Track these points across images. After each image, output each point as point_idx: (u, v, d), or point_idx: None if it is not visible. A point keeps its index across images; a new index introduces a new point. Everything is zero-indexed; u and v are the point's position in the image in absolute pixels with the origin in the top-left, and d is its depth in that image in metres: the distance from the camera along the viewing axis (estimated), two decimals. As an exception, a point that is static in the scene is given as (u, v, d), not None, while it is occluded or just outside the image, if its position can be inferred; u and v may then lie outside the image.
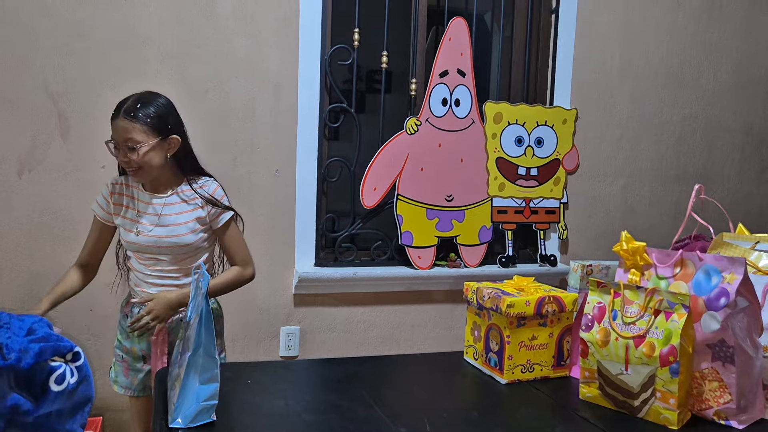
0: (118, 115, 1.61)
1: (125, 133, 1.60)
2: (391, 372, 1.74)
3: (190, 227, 1.72)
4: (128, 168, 1.65)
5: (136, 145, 1.61)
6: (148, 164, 1.64)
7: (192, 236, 1.72)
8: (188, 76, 2.33)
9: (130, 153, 1.61)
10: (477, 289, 1.74)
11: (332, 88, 2.54)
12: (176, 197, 1.73)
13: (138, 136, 1.61)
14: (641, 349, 1.40)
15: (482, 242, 2.73)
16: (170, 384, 1.36)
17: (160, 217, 1.71)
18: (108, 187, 1.74)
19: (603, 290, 1.53)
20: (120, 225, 1.73)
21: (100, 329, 2.31)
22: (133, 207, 1.72)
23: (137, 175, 1.67)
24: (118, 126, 1.61)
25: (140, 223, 1.70)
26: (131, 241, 1.70)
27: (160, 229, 1.70)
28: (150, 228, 1.69)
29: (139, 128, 1.61)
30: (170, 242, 1.70)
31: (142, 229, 1.70)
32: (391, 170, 2.56)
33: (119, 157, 1.64)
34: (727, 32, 3.09)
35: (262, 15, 2.40)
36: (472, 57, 2.64)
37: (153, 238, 1.69)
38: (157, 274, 1.74)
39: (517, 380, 1.65)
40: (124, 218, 1.72)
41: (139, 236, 1.69)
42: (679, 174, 3.07)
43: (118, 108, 1.63)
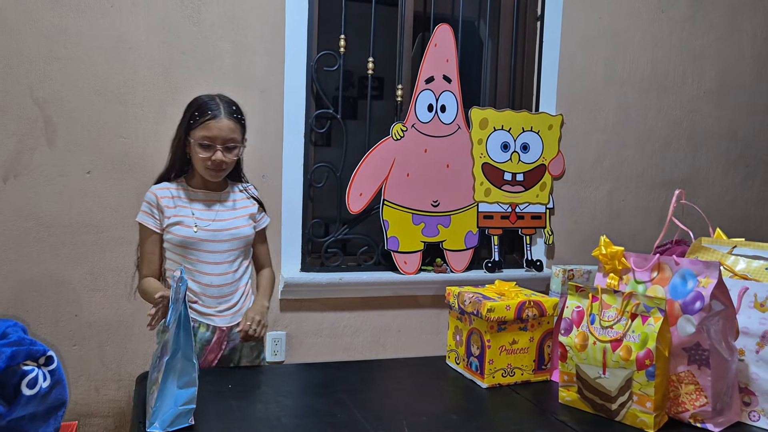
0: (220, 115, 1.65)
1: (230, 133, 1.66)
2: (374, 376, 1.75)
3: (246, 221, 1.78)
4: (217, 168, 1.67)
5: (236, 144, 1.68)
6: (233, 164, 1.72)
7: (249, 229, 1.78)
8: (174, 82, 2.34)
9: (228, 153, 1.67)
10: (458, 294, 1.76)
11: (319, 94, 2.55)
12: (230, 195, 1.79)
13: (238, 136, 1.69)
14: (618, 353, 1.41)
15: (468, 247, 2.74)
16: (149, 388, 1.36)
17: (218, 212, 1.75)
18: (152, 195, 1.73)
19: (582, 294, 1.54)
20: (174, 224, 1.70)
21: (84, 335, 2.31)
22: (184, 205, 1.72)
23: (218, 175, 1.71)
24: (222, 126, 1.65)
25: (197, 218, 1.71)
26: (188, 236, 1.69)
27: (218, 223, 1.73)
28: (208, 222, 1.71)
29: (239, 129, 1.69)
30: (230, 234, 1.73)
31: (200, 224, 1.71)
32: (377, 176, 2.57)
33: (212, 157, 1.65)
34: (711, 39, 3.12)
35: (249, 21, 2.41)
36: (457, 63, 2.66)
37: (211, 232, 1.71)
38: (210, 272, 1.72)
39: (498, 384, 1.66)
40: (177, 216, 1.70)
41: (198, 231, 1.69)
42: (664, 180, 3.10)
43: (216, 108, 1.66)
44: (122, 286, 2.33)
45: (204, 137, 1.65)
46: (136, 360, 2.36)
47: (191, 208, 1.72)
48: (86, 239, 2.29)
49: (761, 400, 1.44)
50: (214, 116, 1.65)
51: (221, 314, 1.74)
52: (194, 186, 1.76)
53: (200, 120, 1.65)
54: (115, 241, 2.32)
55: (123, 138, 2.30)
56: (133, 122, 2.31)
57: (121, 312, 2.34)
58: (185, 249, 1.70)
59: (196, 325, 1.71)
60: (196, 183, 1.76)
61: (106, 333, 2.33)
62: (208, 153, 1.66)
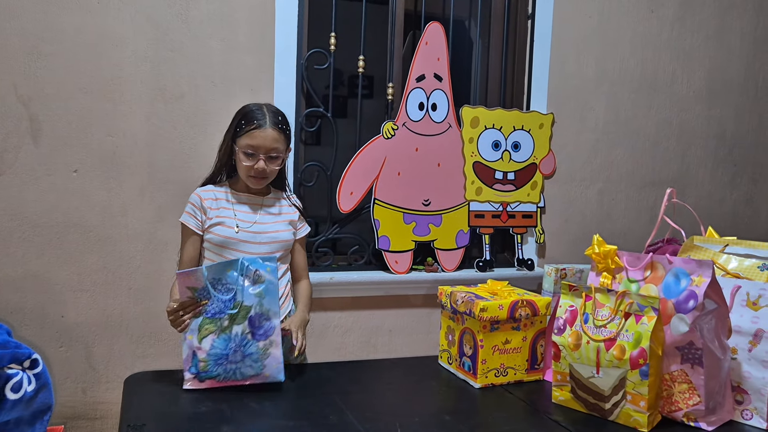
0: (265, 125, 1.68)
1: (274, 143, 1.68)
2: (365, 377, 1.73)
3: (286, 226, 1.80)
4: (260, 176, 1.70)
5: (279, 154, 1.71)
6: (276, 173, 1.74)
7: (288, 234, 1.80)
8: (162, 80, 2.31)
9: (271, 162, 1.70)
10: (451, 294, 1.75)
11: (309, 92, 2.53)
12: (272, 200, 1.82)
13: (281, 146, 1.71)
14: (612, 352, 1.41)
15: (459, 246, 2.73)
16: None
17: (260, 216, 1.77)
18: (197, 196, 1.74)
19: (575, 294, 1.54)
20: (216, 224, 1.71)
21: (71, 337, 2.27)
22: (227, 207, 1.75)
23: (260, 183, 1.73)
24: (267, 135, 1.67)
25: (239, 219, 1.73)
26: (229, 237, 1.70)
27: (259, 226, 1.75)
28: (249, 224, 1.73)
29: (283, 139, 1.71)
30: (270, 237, 1.75)
31: (242, 225, 1.73)
32: (367, 174, 2.55)
33: (255, 165, 1.68)
34: (700, 39, 3.13)
35: (238, 19, 2.38)
36: (448, 61, 2.65)
37: (252, 234, 1.73)
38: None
39: (491, 384, 1.66)
40: (220, 217, 1.72)
41: (239, 232, 1.71)
42: (654, 179, 3.11)
43: (262, 118, 1.69)
44: (109, 287, 2.30)
45: (248, 146, 1.68)
46: (123, 361, 2.33)
47: (234, 210, 1.75)
48: (73, 239, 2.25)
49: (753, 399, 1.45)
50: (259, 126, 1.68)
51: None
52: (238, 190, 1.79)
53: (246, 128, 1.69)
54: (102, 241, 2.28)
55: (110, 136, 2.27)
56: (121, 120, 2.28)
57: (108, 312, 2.31)
58: (225, 249, 1.72)
59: None
60: (241, 187, 1.79)
61: (93, 334, 2.30)
62: (252, 161, 1.69)
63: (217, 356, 1.51)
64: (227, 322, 1.52)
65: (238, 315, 1.52)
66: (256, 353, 1.52)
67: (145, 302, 2.34)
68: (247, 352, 1.52)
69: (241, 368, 1.53)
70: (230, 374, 1.52)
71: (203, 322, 1.51)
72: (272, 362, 1.54)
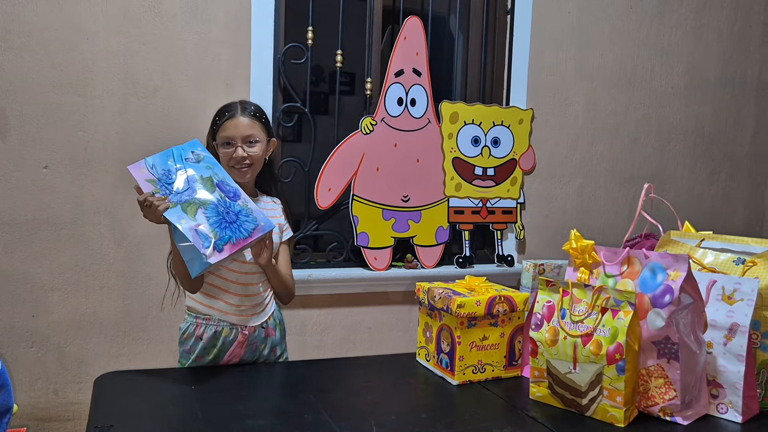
0: (236, 114, 1.69)
1: (248, 129, 1.69)
2: (342, 375, 1.71)
3: (276, 230, 1.76)
4: (241, 164, 1.69)
5: (257, 140, 1.70)
6: (259, 161, 1.73)
7: (277, 237, 1.77)
8: (135, 74, 2.27)
9: (249, 147, 1.69)
10: (428, 290, 1.73)
11: (286, 87, 2.49)
12: (260, 203, 1.79)
13: (257, 132, 1.71)
14: (589, 348, 1.40)
15: (439, 243, 2.72)
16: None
17: None
18: None
19: (552, 289, 1.52)
20: None
21: (42, 337, 2.22)
22: None
23: (246, 173, 1.71)
24: (240, 123, 1.69)
25: None
26: None
27: None
28: None
29: (258, 126, 1.72)
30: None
31: None
32: (346, 170, 2.53)
33: (233, 154, 1.68)
34: (678, 35, 3.15)
35: (213, 11, 2.34)
36: (427, 56, 2.63)
37: None
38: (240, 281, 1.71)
39: (469, 381, 1.64)
40: None
41: None
42: (633, 174, 3.12)
43: (234, 109, 1.71)
44: (82, 285, 2.25)
45: (224, 137, 1.69)
46: (97, 361, 2.28)
47: None
48: (43, 236, 2.20)
49: (729, 393, 1.44)
50: (231, 116, 1.70)
51: (243, 314, 1.71)
52: None
53: (220, 122, 1.71)
54: (74, 239, 2.23)
55: (81, 131, 2.22)
56: (92, 115, 2.23)
57: (81, 312, 2.26)
58: None
59: (220, 328, 1.70)
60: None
61: (65, 334, 2.25)
62: (230, 150, 1.69)
63: (218, 221, 1.51)
64: (204, 194, 1.53)
65: (206, 185, 1.54)
66: (243, 209, 1.56)
67: (118, 301, 2.30)
68: (235, 210, 1.54)
69: (241, 225, 1.54)
70: (236, 233, 1.52)
71: (183, 206, 1.50)
72: (258, 215, 1.58)
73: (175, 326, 2.34)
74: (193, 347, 1.69)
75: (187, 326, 1.71)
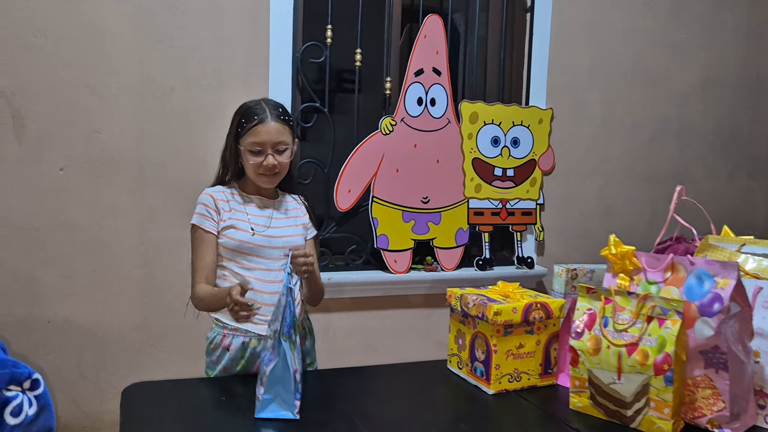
0: (266, 119, 1.59)
1: (279, 136, 1.60)
2: (373, 383, 1.67)
3: (300, 230, 1.71)
4: (270, 172, 1.61)
5: (287, 146, 1.62)
6: (286, 166, 1.65)
7: (301, 239, 1.71)
8: (152, 73, 2.22)
9: (279, 156, 1.61)
10: (461, 296, 1.68)
11: (304, 86, 2.44)
12: (283, 203, 1.73)
13: (287, 138, 1.62)
14: (634, 357, 1.36)
15: (459, 245, 2.68)
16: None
17: (273, 219, 1.67)
18: (208, 196, 1.64)
19: (593, 296, 1.48)
20: (228, 227, 1.62)
21: (59, 343, 2.17)
22: (240, 210, 1.65)
23: (273, 180, 1.65)
24: (270, 129, 1.59)
25: (253, 223, 1.64)
26: (245, 241, 1.61)
27: (273, 230, 1.66)
28: (263, 228, 1.64)
29: (288, 131, 1.63)
30: (284, 242, 1.65)
31: (256, 228, 1.63)
32: (365, 172, 2.48)
33: (263, 162, 1.59)
34: (695, 33, 3.11)
35: (230, 9, 2.29)
36: (447, 55, 2.58)
37: (267, 238, 1.63)
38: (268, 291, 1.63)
39: (505, 390, 1.60)
40: (232, 219, 1.63)
41: (255, 236, 1.62)
42: (652, 174, 3.08)
43: (262, 112, 1.60)
44: (99, 291, 2.20)
45: (253, 143, 1.59)
46: (116, 369, 2.23)
47: (246, 213, 1.65)
48: (60, 240, 2.15)
49: (777, 403, 1.41)
50: (261, 120, 1.59)
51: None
52: (248, 192, 1.69)
53: (247, 126, 1.60)
54: (91, 242, 2.18)
55: (98, 132, 2.17)
56: (109, 115, 2.18)
57: (98, 318, 2.21)
58: (239, 254, 1.62)
59: (248, 339, 1.63)
60: (251, 190, 1.69)
61: (82, 340, 2.20)
62: (259, 158, 1.60)
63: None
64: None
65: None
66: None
67: (137, 307, 2.25)
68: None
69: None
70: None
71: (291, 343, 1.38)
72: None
73: (196, 333, 2.30)
74: (220, 358, 1.64)
75: (214, 336, 1.66)
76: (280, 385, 1.36)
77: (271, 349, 1.37)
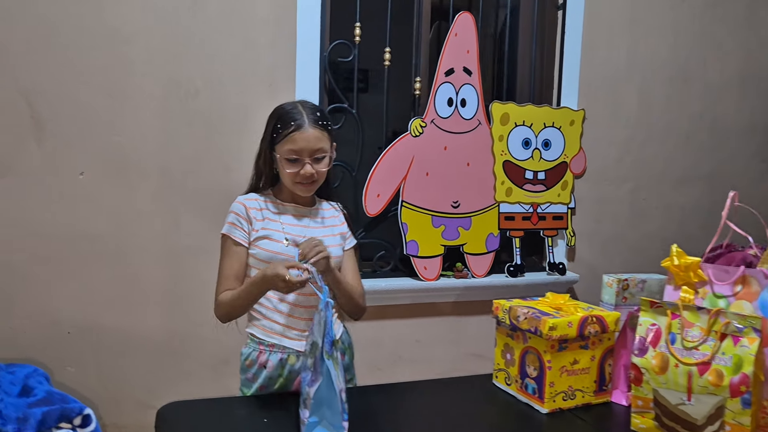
0: (304, 125, 1.48)
1: (318, 143, 1.50)
2: (418, 400, 1.58)
3: (338, 240, 1.60)
4: (308, 181, 1.51)
5: (325, 154, 1.52)
6: (324, 175, 1.55)
7: (339, 249, 1.60)
8: (176, 75, 2.13)
9: (317, 164, 1.51)
10: (510, 309, 1.59)
11: (332, 87, 2.35)
12: (320, 211, 1.63)
13: (326, 145, 1.52)
14: (706, 378, 1.27)
15: (489, 250, 2.58)
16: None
17: (308, 228, 1.57)
18: (241, 205, 1.54)
19: (657, 311, 1.39)
20: (262, 237, 1.52)
21: (79, 355, 2.08)
22: (273, 218, 1.55)
23: (310, 189, 1.55)
24: (308, 136, 1.48)
25: (287, 233, 1.54)
26: (278, 252, 1.51)
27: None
28: (300, 239, 1.52)
29: (326, 137, 1.53)
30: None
31: (291, 239, 1.53)
32: (395, 175, 2.39)
33: (300, 171, 1.49)
34: (731, 28, 3.01)
35: (256, 8, 2.20)
36: (478, 54, 2.49)
37: None
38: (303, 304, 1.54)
39: (559, 409, 1.51)
40: (266, 229, 1.53)
41: (289, 246, 1.52)
42: (685, 176, 2.98)
43: (300, 117, 1.49)
44: (120, 301, 2.12)
45: (290, 151, 1.49)
46: (138, 381, 2.15)
47: (280, 222, 1.55)
48: (79, 248, 2.07)
49: None
50: (299, 127, 1.48)
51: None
52: (283, 199, 1.59)
53: (284, 132, 1.49)
54: (111, 251, 2.10)
55: (120, 136, 2.09)
56: (131, 119, 2.09)
57: (120, 329, 2.12)
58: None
59: (285, 356, 1.53)
60: (285, 197, 1.59)
61: (104, 353, 2.11)
62: (297, 167, 1.50)
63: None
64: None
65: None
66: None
67: (159, 317, 2.17)
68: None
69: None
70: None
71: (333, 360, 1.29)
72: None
73: (218, 344, 2.21)
74: (257, 375, 1.54)
75: (249, 352, 1.56)
76: (325, 406, 1.27)
77: (312, 368, 1.28)
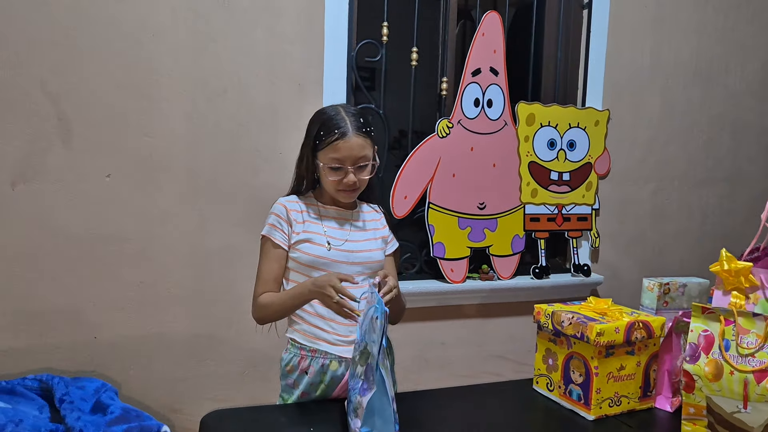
0: (348, 133, 1.45)
1: (361, 151, 1.47)
2: (461, 407, 1.55)
3: (380, 244, 1.59)
4: (350, 189, 1.49)
5: (368, 162, 1.50)
6: (366, 182, 1.53)
7: (380, 254, 1.59)
8: (204, 74, 2.10)
9: (360, 172, 1.49)
10: (552, 314, 1.57)
11: (359, 87, 2.33)
12: (362, 214, 1.61)
13: (369, 152, 1.50)
14: (764, 385, 1.25)
15: (515, 252, 2.56)
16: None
17: (350, 232, 1.56)
18: (282, 207, 1.52)
19: (709, 317, 1.37)
20: (303, 240, 1.50)
21: (105, 360, 2.05)
22: (314, 221, 1.53)
23: (351, 196, 1.53)
24: (352, 145, 1.45)
25: (329, 236, 1.51)
26: (320, 255, 1.49)
27: (351, 244, 1.54)
28: (341, 242, 1.51)
29: (369, 144, 1.50)
30: (363, 257, 1.54)
31: (333, 242, 1.51)
32: (422, 176, 2.37)
33: (343, 179, 1.48)
34: (754, 30, 2.99)
35: (285, 6, 2.18)
36: (505, 54, 2.47)
37: (345, 253, 1.51)
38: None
39: (605, 415, 1.49)
40: (307, 232, 1.51)
41: (331, 250, 1.50)
42: (707, 177, 2.96)
43: (343, 125, 1.46)
44: (147, 304, 2.09)
45: (333, 159, 1.46)
46: (164, 386, 2.12)
47: (322, 225, 1.53)
48: (107, 251, 2.04)
49: None
50: (343, 134, 1.45)
51: (352, 344, 1.52)
52: (324, 203, 1.57)
53: (327, 140, 1.46)
54: (139, 254, 2.07)
55: (147, 137, 2.05)
56: (159, 119, 2.06)
57: (146, 333, 2.10)
58: (313, 269, 1.50)
59: (327, 362, 1.51)
60: (327, 200, 1.57)
61: (129, 356, 2.08)
62: (339, 175, 1.48)
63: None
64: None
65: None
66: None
67: (187, 321, 2.14)
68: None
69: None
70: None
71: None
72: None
73: (247, 348, 2.19)
74: (298, 381, 1.52)
75: (291, 357, 1.53)
76: (377, 416, 1.25)
77: (363, 376, 1.25)
